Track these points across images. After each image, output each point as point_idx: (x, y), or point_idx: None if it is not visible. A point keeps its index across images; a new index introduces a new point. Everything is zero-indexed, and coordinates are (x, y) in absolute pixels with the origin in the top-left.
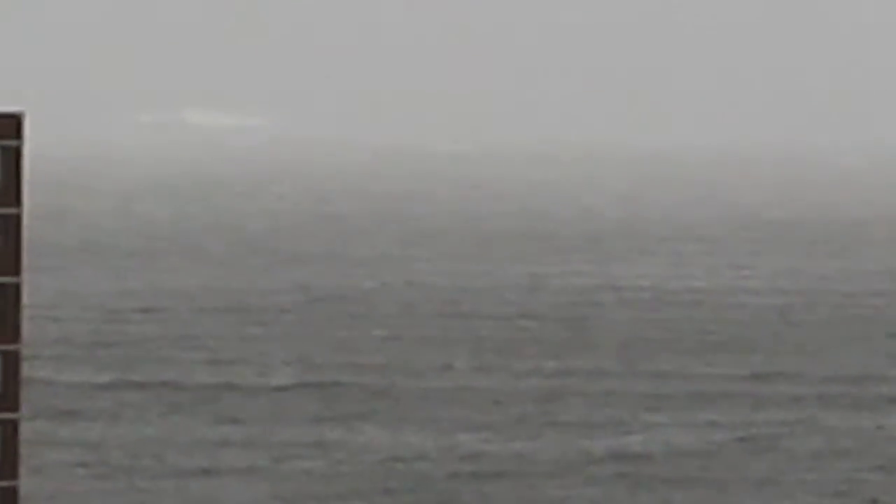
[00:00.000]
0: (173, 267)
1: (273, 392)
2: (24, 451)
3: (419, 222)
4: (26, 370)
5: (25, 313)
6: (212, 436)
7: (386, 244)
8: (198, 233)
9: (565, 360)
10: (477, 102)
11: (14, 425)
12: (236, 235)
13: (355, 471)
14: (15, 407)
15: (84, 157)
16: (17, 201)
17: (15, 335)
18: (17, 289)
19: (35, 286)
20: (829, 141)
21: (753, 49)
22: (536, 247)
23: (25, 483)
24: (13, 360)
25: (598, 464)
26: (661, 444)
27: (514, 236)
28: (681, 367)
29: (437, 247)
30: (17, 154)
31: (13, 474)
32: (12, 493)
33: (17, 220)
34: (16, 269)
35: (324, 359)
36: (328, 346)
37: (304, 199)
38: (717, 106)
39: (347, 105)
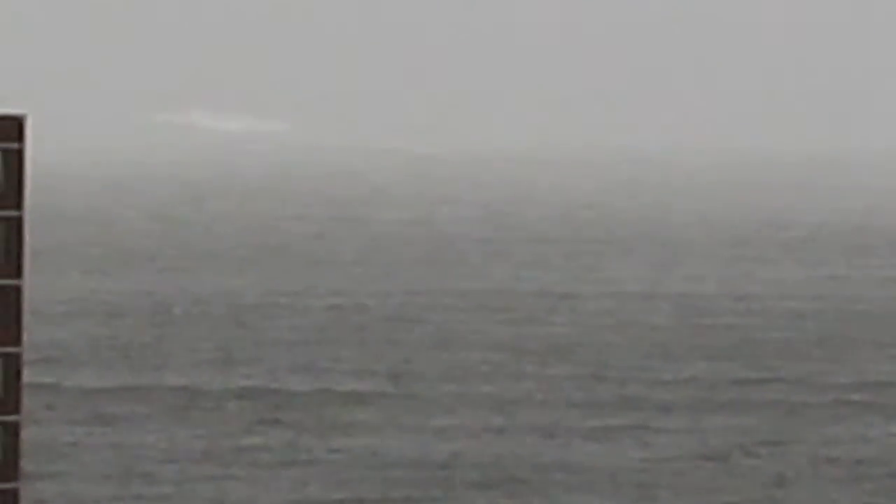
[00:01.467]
0: (196, 271)
1: (286, 397)
2: (32, 454)
3: (443, 227)
4: (39, 374)
5: (42, 316)
6: (223, 441)
7: (411, 249)
8: (222, 238)
9: (585, 367)
10: (488, 103)
11: (15, 428)
12: (261, 239)
13: (365, 476)
14: (16, 410)
15: (99, 162)
16: (19, 204)
17: (16, 338)
18: (18, 291)
19: (51, 289)
20: (860, 144)
21: (781, 49)
22: (559, 252)
23: (32, 488)
24: (14, 363)
25: (609, 470)
26: (676, 448)
27: (539, 241)
28: (697, 373)
29: (462, 252)
30: (18, 157)
31: (14, 477)
32: (13, 496)
33: (19, 222)
34: (17, 272)
35: (341, 365)
36: (349, 351)
37: (327, 204)
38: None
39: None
